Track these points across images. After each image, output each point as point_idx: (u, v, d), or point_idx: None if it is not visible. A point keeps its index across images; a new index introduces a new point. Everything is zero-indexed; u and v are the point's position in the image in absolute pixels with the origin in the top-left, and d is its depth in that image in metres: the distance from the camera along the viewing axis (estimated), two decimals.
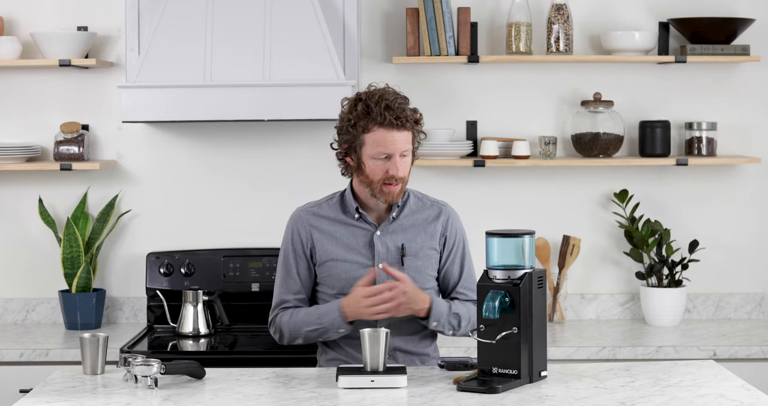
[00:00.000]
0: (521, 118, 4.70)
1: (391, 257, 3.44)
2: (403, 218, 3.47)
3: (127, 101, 4.24)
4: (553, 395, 3.05)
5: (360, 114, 3.33)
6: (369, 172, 3.36)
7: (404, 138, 3.35)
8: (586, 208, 4.73)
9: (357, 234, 3.45)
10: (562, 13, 4.55)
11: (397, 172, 3.34)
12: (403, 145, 3.35)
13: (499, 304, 3.10)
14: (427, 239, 3.48)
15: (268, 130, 4.68)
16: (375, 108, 3.31)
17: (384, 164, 3.35)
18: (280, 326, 3.46)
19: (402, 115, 3.32)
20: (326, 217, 3.47)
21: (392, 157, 3.34)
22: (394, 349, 3.45)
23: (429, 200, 3.55)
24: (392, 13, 4.67)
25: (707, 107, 4.72)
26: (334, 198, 3.51)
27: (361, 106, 3.33)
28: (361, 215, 3.45)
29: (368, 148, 3.34)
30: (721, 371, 3.31)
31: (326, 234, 3.45)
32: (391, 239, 3.45)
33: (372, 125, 3.32)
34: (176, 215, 4.69)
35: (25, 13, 4.63)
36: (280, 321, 3.46)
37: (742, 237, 4.75)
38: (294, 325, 3.43)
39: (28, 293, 4.69)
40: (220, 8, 4.33)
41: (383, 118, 3.30)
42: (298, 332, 3.43)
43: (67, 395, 3.08)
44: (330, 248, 3.44)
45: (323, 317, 3.39)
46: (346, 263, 3.44)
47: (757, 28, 4.67)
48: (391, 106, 3.31)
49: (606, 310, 4.73)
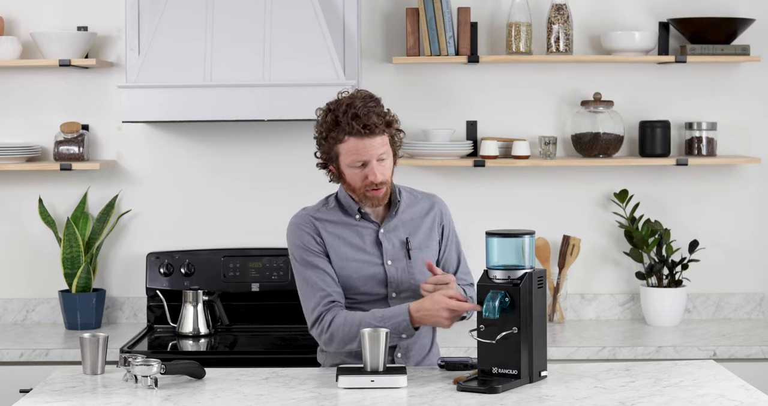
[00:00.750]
0: (521, 118, 4.70)
1: (398, 253, 3.44)
2: (401, 214, 3.48)
3: (127, 101, 4.24)
4: (553, 395, 3.05)
5: (330, 125, 3.32)
6: (350, 181, 3.36)
7: (378, 143, 3.32)
8: (586, 208, 4.73)
9: (362, 234, 3.45)
10: (562, 13, 4.55)
11: (375, 178, 3.32)
12: (377, 150, 3.32)
13: (499, 304, 3.10)
14: (426, 230, 3.49)
15: (268, 130, 4.68)
16: (343, 118, 3.29)
17: (362, 172, 3.33)
18: (331, 329, 3.33)
19: (369, 122, 3.28)
20: (329, 220, 3.45)
21: (368, 163, 3.32)
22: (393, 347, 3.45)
23: (419, 193, 3.56)
24: (392, 13, 4.67)
25: (707, 107, 4.72)
26: (330, 202, 3.50)
27: (330, 116, 3.32)
28: (363, 214, 3.45)
29: (343, 157, 3.33)
30: (721, 371, 3.31)
31: (333, 236, 3.44)
32: (395, 235, 3.46)
33: (342, 136, 3.30)
34: (176, 215, 4.69)
35: (25, 13, 4.63)
36: (330, 323, 3.33)
37: (742, 237, 4.75)
38: (351, 327, 3.30)
39: (28, 293, 4.69)
40: (220, 8, 4.33)
41: (351, 128, 3.28)
42: (355, 335, 3.29)
43: (67, 395, 3.08)
44: (339, 249, 3.43)
45: (388, 320, 3.28)
46: (356, 263, 3.43)
47: (757, 28, 4.67)
48: (358, 113, 3.28)
49: (606, 310, 4.73)
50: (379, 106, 3.34)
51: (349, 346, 3.33)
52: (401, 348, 3.45)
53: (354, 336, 3.29)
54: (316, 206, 3.51)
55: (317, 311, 3.36)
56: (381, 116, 3.32)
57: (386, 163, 3.37)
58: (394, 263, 3.43)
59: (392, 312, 3.30)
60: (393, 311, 3.30)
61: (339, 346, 3.35)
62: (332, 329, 3.32)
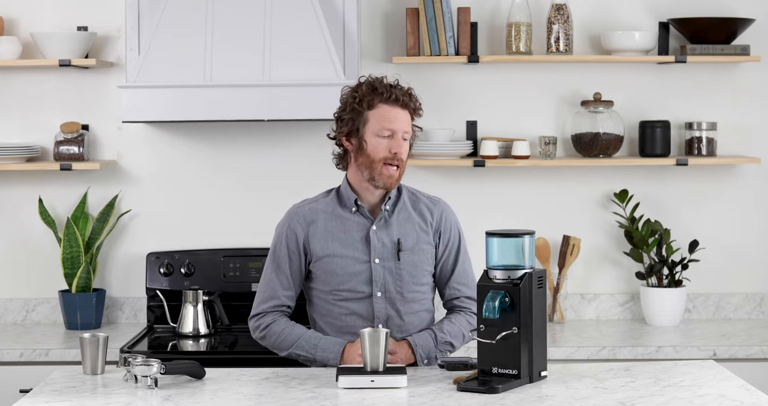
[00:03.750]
0: (521, 118, 4.70)
1: (387, 252, 3.44)
2: (397, 213, 3.48)
3: (127, 101, 4.24)
4: (553, 395, 3.05)
5: (365, 92, 3.39)
6: (371, 151, 3.38)
7: (407, 119, 3.40)
8: (586, 208, 4.73)
9: (353, 228, 3.45)
10: (562, 13, 4.55)
11: (399, 151, 3.36)
12: (405, 125, 3.39)
13: (499, 304, 3.10)
14: (422, 234, 3.48)
15: (268, 130, 4.68)
16: (380, 86, 3.39)
17: (388, 142, 3.37)
18: (267, 332, 3.48)
19: (407, 92, 3.39)
20: (322, 211, 3.48)
21: (395, 135, 3.37)
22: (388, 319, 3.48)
23: (423, 196, 3.56)
24: (392, 13, 4.67)
25: (707, 107, 4.72)
26: (330, 194, 3.52)
27: (366, 85, 3.41)
28: (359, 207, 3.45)
29: (372, 124, 3.37)
30: (721, 371, 3.31)
31: (322, 229, 3.46)
32: (386, 233, 3.45)
33: (377, 101, 3.37)
34: (176, 215, 4.69)
35: (25, 13, 4.63)
36: (268, 327, 3.47)
37: (742, 237, 4.75)
38: (284, 340, 3.45)
39: (28, 293, 4.69)
40: (220, 8, 4.33)
41: (389, 94, 3.37)
42: (285, 348, 3.46)
43: (67, 395, 3.08)
44: (326, 243, 3.45)
45: (319, 351, 3.41)
46: (342, 259, 3.44)
47: (757, 28, 4.67)
48: (396, 85, 3.40)
49: (606, 310, 4.73)
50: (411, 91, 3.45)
51: (279, 352, 3.49)
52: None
53: (285, 347, 3.46)
54: (317, 196, 3.55)
55: (260, 308, 3.50)
56: (413, 97, 3.42)
57: (406, 146, 3.42)
58: (382, 262, 3.43)
59: (326, 343, 3.41)
60: (328, 343, 3.41)
61: (268, 347, 3.51)
62: (267, 332, 3.48)
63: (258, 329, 3.50)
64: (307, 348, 3.42)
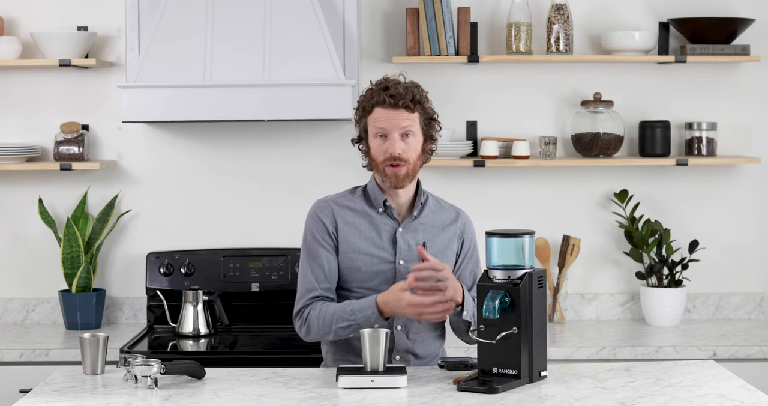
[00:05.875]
0: (521, 118, 4.70)
1: (413, 254, 3.43)
2: (423, 217, 3.48)
3: (127, 101, 4.24)
4: (553, 395, 3.05)
5: (365, 97, 3.42)
6: (373, 154, 3.40)
7: (403, 116, 3.37)
8: (586, 208, 4.73)
9: (380, 229, 3.44)
10: (562, 13, 4.55)
11: (394, 150, 3.35)
12: (400, 122, 3.36)
13: (499, 304, 3.10)
14: (446, 240, 3.48)
15: (268, 130, 4.68)
16: (375, 90, 3.40)
17: (383, 144, 3.37)
18: (308, 322, 3.38)
19: (395, 92, 3.37)
20: (350, 208, 3.46)
21: (389, 135, 3.36)
22: (406, 351, 3.44)
23: (446, 204, 3.56)
24: (392, 13, 4.67)
25: (707, 107, 4.72)
26: (356, 191, 3.51)
27: (367, 90, 3.44)
28: (387, 208, 3.45)
29: (370, 128, 3.40)
30: (721, 371, 3.31)
31: (350, 225, 3.44)
32: (412, 236, 3.45)
33: (371, 106, 3.39)
34: (176, 215, 4.69)
35: (25, 13, 4.63)
36: (307, 316, 3.38)
37: (742, 237, 4.75)
38: (324, 321, 3.34)
39: (28, 293, 4.69)
40: (220, 8, 4.33)
41: (380, 97, 3.37)
42: (329, 328, 3.34)
43: (67, 395, 3.08)
44: (353, 239, 3.43)
45: (357, 313, 3.32)
46: (368, 257, 3.42)
47: (757, 28, 4.67)
48: (389, 87, 3.38)
49: (606, 310, 4.73)
50: (417, 87, 3.42)
51: (326, 337, 3.38)
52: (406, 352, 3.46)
53: (327, 328, 3.34)
54: (342, 192, 3.53)
55: (299, 305, 3.42)
56: (409, 90, 3.39)
57: (410, 141, 3.39)
58: (407, 264, 3.42)
59: (361, 304, 3.32)
60: (362, 304, 3.32)
61: (316, 337, 3.40)
62: (308, 324, 3.38)
63: (301, 327, 3.40)
64: (346, 317, 3.32)
